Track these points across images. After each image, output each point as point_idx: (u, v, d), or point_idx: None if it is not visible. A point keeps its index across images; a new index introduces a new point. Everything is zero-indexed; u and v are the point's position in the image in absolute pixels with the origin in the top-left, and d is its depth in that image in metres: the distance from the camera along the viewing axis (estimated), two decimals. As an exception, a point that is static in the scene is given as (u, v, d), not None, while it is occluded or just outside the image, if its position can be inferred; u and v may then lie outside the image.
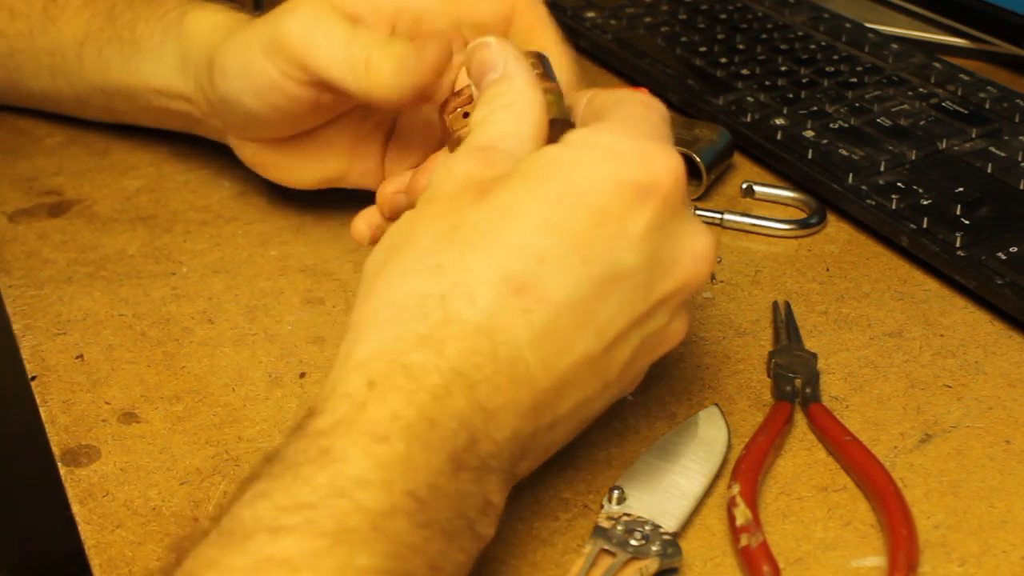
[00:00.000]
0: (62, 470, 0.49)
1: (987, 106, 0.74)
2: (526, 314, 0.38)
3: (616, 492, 0.46)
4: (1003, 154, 0.68)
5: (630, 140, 0.41)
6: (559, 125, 0.46)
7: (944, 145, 0.70)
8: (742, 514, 0.45)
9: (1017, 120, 0.73)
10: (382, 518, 0.34)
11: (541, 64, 0.49)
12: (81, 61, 0.68)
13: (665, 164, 0.40)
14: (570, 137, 0.42)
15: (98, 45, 0.67)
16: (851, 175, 0.67)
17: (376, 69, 0.50)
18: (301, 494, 0.34)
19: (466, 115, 0.49)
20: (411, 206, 0.47)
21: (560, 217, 0.39)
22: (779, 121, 0.73)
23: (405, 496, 0.35)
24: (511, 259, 0.38)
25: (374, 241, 0.56)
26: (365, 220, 0.56)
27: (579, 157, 0.40)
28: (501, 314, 0.38)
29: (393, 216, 0.54)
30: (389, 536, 0.34)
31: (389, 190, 0.54)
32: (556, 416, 0.41)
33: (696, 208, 0.67)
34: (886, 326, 0.58)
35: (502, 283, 0.38)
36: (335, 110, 0.58)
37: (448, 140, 0.50)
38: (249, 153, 0.63)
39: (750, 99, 0.76)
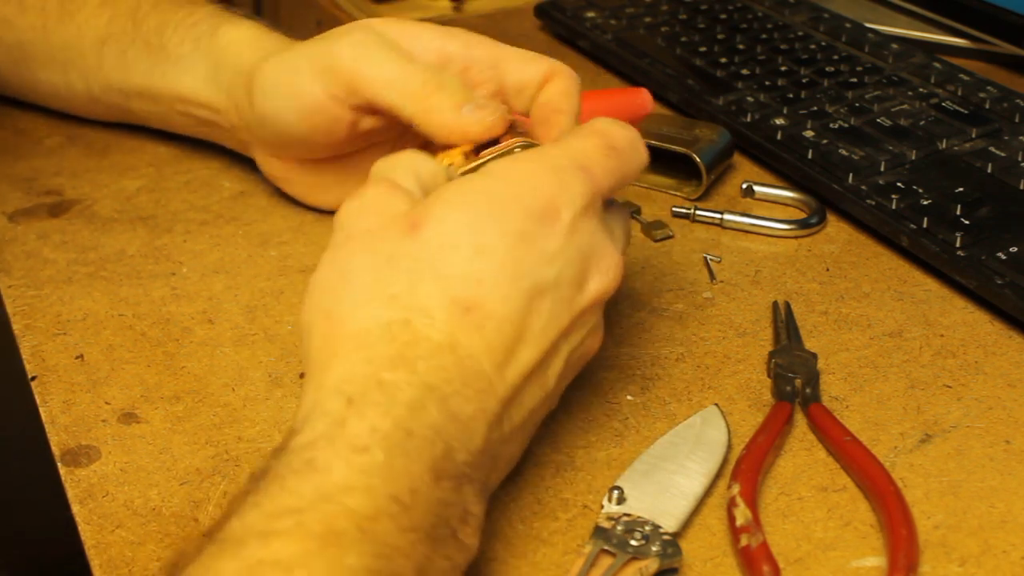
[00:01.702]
0: (62, 470, 0.49)
1: (987, 106, 0.74)
2: (479, 329, 0.41)
3: (616, 492, 0.46)
4: (1003, 154, 0.68)
5: (539, 171, 0.44)
6: None
7: (944, 145, 0.70)
8: (742, 514, 0.45)
9: (1017, 120, 0.73)
10: (368, 521, 0.36)
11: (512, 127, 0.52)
12: (101, 59, 0.68)
13: (568, 194, 0.44)
14: (489, 167, 0.45)
15: (121, 46, 0.67)
16: (851, 175, 0.67)
17: (435, 100, 0.51)
18: (289, 501, 0.36)
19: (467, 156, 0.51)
20: None
21: (487, 242, 0.42)
22: (779, 121, 0.73)
23: (389, 500, 0.36)
24: (455, 284, 0.42)
25: None
26: None
27: (494, 186, 0.44)
28: (458, 331, 0.41)
29: None
30: (376, 538, 0.35)
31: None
32: (513, 426, 0.43)
33: (696, 208, 0.67)
34: (886, 326, 0.58)
35: (453, 305, 0.41)
36: (373, 137, 0.60)
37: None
38: (275, 170, 0.65)
39: (750, 99, 0.76)
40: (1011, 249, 0.60)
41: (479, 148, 0.51)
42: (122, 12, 0.68)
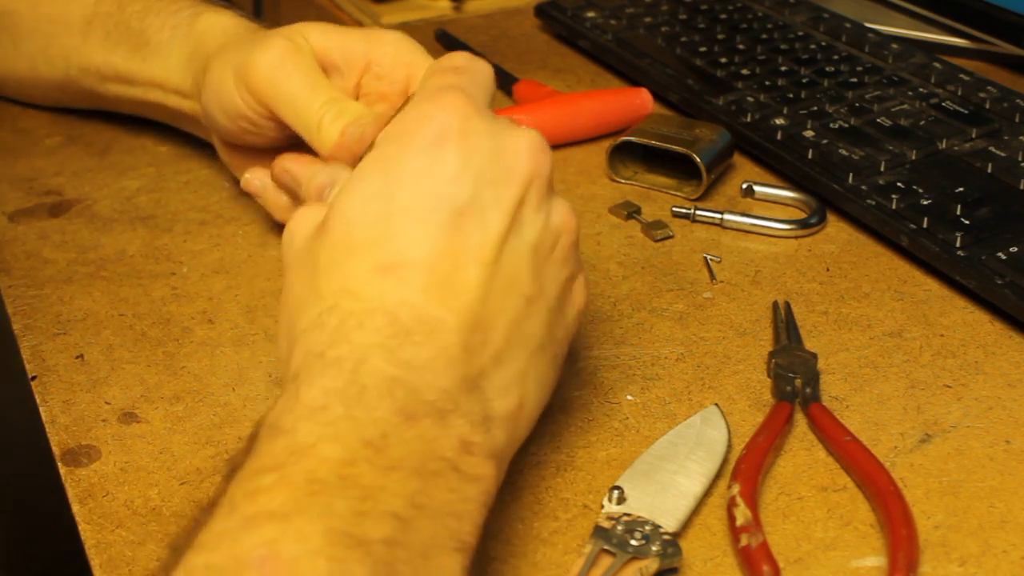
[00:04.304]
0: (62, 470, 0.49)
1: (987, 106, 0.74)
2: (405, 281, 0.42)
3: (616, 492, 0.46)
4: (1003, 154, 0.68)
5: (413, 113, 0.45)
6: None
7: (944, 145, 0.70)
8: (742, 514, 0.45)
9: (1017, 120, 0.73)
10: (345, 467, 0.37)
11: None
12: (86, 38, 0.69)
13: (446, 111, 0.44)
14: (376, 141, 0.46)
15: (106, 28, 0.68)
16: (851, 175, 0.67)
17: (325, 133, 0.55)
18: (266, 462, 0.37)
19: None
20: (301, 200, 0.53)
21: (388, 203, 0.43)
22: (779, 121, 0.73)
23: (361, 446, 0.38)
24: (367, 254, 0.42)
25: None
26: (253, 174, 0.62)
27: (380, 153, 0.44)
28: (386, 294, 0.42)
29: (278, 182, 0.60)
30: (356, 481, 0.36)
31: (286, 164, 0.59)
32: (496, 348, 0.43)
33: (696, 208, 0.67)
34: (886, 326, 0.58)
35: (371, 273, 0.42)
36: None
37: None
38: (225, 155, 0.66)
39: (750, 99, 0.76)
40: (1011, 249, 0.60)
41: None
42: None
